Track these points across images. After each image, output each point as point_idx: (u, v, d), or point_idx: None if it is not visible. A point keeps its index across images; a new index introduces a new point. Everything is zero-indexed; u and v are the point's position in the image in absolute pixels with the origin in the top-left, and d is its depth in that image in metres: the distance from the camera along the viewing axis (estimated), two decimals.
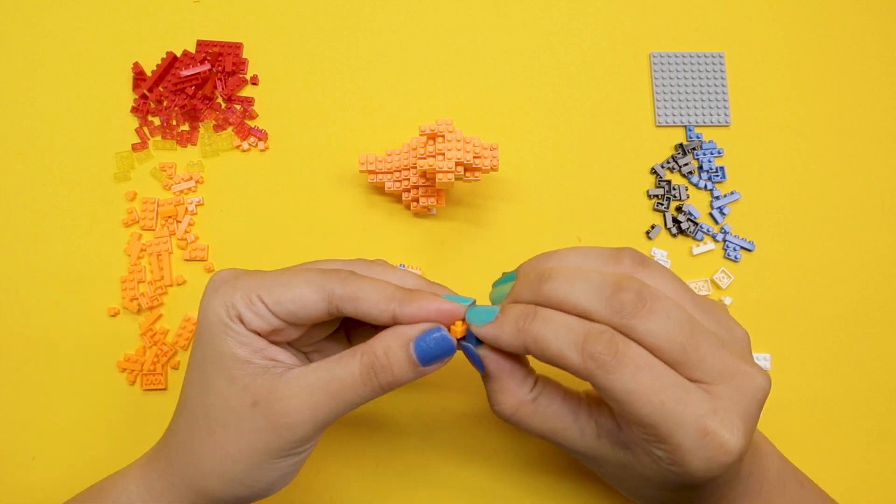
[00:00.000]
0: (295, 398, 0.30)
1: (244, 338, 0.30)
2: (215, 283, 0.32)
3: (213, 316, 0.31)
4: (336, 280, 0.31)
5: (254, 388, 0.30)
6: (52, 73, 0.48)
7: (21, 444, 0.42)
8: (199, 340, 0.32)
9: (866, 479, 0.43)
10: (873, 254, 0.46)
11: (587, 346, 0.27)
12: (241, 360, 0.30)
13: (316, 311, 0.31)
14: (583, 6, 0.50)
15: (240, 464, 0.30)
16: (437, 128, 0.40)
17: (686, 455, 0.27)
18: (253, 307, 0.30)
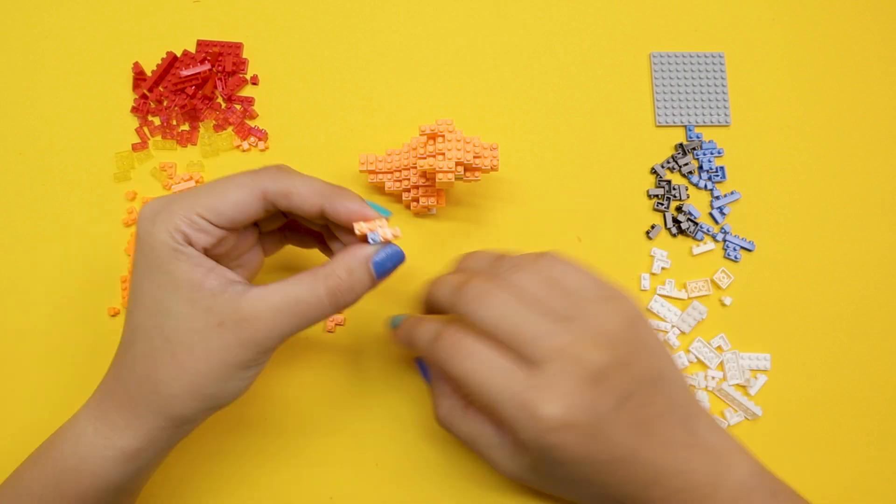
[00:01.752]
0: (261, 319, 0.32)
1: (195, 259, 0.32)
2: (148, 214, 0.32)
3: (160, 244, 0.31)
4: (267, 178, 0.33)
5: (216, 309, 0.31)
6: (52, 73, 0.48)
7: (21, 443, 0.42)
8: (146, 271, 0.32)
9: (866, 479, 0.43)
10: (873, 254, 0.46)
11: (436, 342, 0.34)
12: (197, 283, 0.31)
13: (254, 211, 0.33)
14: (583, 6, 0.50)
15: (209, 379, 0.32)
16: (437, 128, 0.40)
17: (516, 426, 0.31)
18: (195, 225, 0.32)
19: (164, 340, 0.32)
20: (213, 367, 0.32)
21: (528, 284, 0.34)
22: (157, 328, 0.32)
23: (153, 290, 0.32)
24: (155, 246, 0.31)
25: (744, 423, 0.43)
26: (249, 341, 0.32)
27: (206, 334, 0.31)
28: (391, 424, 0.43)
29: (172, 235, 0.31)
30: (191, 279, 0.31)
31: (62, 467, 0.33)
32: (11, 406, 0.43)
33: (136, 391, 0.32)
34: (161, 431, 0.33)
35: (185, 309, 0.31)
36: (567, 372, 0.31)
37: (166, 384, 0.32)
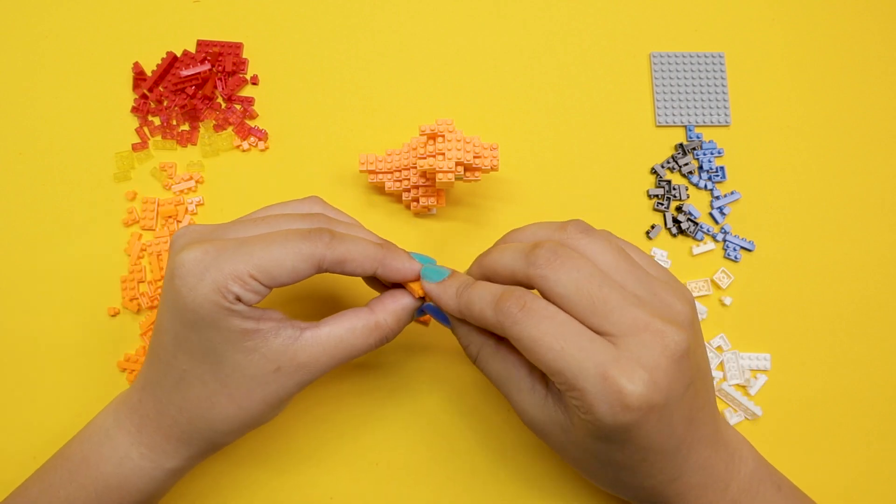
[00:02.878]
0: (318, 364, 0.33)
1: (247, 313, 0.32)
2: (197, 271, 0.31)
3: (210, 304, 0.31)
4: (322, 245, 0.32)
5: (272, 356, 0.33)
6: (52, 73, 0.48)
7: (21, 444, 0.42)
8: (194, 326, 0.32)
9: (866, 479, 0.43)
10: (873, 254, 0.46)
11: (500, 304, 0.31)
12: (251, 332, 0.32)
13: (306, 275, 0.33)
14: (583, 6, 0.50)
15: (262, 413, 0.34)
16: (437, 128, 0.40)
17: (591, 400, 0.29)
18: (248, 286, 0.31)
19: (220, 385, 0.33)
20: (267, 403, 0.34)
21: (601, 253, 0.32)
22: (212, 374, 0.33)
23: (203, 341, 0.32)
24: (205, 305, 0.31)
25: (744, 423, 0.43)
26: (304, 380, 0.34)
27: (264, 379, 0.33)
28: (391, 424, 0.43)
29: (224, 296, 0.31)
30: (243, 330, 0.32)
31: (104, 486, 0.34)
32: (11, 406, 0.43)
33: (188, 427, 0.34)
34: (208, 453, 0.36)
35: (242, 358, 0.32)
36: (650, 348, 0.29)
37: (223, 422, 0.34)
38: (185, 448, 0.34)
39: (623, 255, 0.32)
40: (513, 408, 0.34)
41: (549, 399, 0.33)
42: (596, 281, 0.30)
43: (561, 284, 0.30)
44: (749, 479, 0.34)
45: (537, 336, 0.30)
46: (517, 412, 0.34)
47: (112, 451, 0.35)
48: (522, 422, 0.35)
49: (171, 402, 0.34)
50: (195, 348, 0.32)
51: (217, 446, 0.35)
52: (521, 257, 0.32)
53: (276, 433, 0.42)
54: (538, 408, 0.33)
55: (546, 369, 0.30)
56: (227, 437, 0.35)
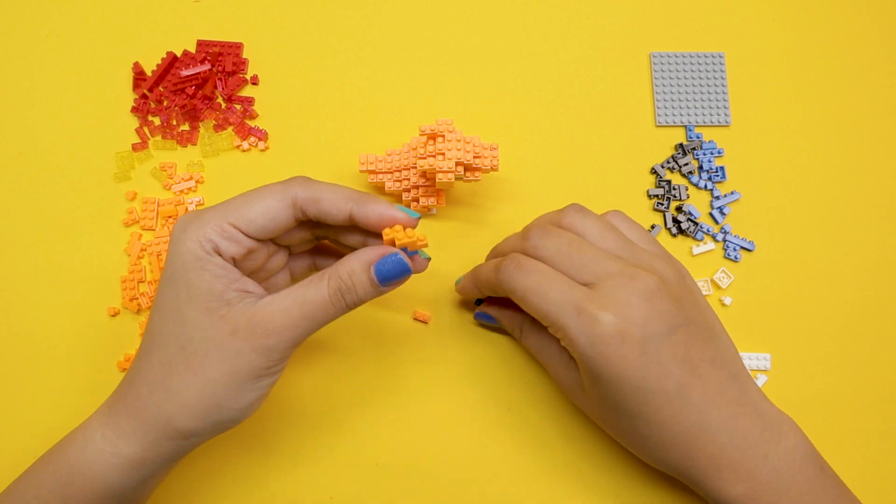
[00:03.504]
0: (273, 321, 0.32)
1: (220, 269, 0.32)
2: (181, 222, 0.33)
3: (188, 253, 0.32)
4: (296, 184, 0.34)
5: (230, 317, 0.32)
6: (52, 73, 0.48)
7: (21, 444, 0.42)
8: (169, 280, 0.33)
9: (866, 479, 0.43)
10: (873, 254, 0.46)
11: (501, 266, 0.36)
12: (217, 294, 0.32)
13: (284, 218, 0.33)
14: (583, 6, 0.50)
15: (220, 387, 0.32)
16: (437, 128, 0.40)
17: (571, 334, 0.33)
18: (226, 233, 0.32)
19: (179, 348, 0.32)
20: (224, 373, 0.32)
21: (588, 227, 0.37)
22: (174, 336, 0.32)
23: (173, 297, 0.32)
24: (182, 254, 0.32)
25: None
26: (262, 346, 0.32)
27: (220, 341, 0.32)
28: (391, 424, 0.43)
29: (201, 244, 0.32)
30: (211, 289, 0.32)
31: (69, 471, 0.33)
32: (11, 406, 0.43)
33: (147, 398, 0.32)
34: (168, 442, 0.33)
35: (202, 317, 0.32)
36: (620, 287, 0.33)
37: (178, 392, 0.32)
38: (141, 426, 0.32)
39: (610, 229, 0.37)
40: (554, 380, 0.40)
41: (572, 362, 0.37)
42: (576, 244, 0.35)
43: (546, 248, 0.36)
44: (791, 454, 0.34)
45: (526, 285, 0.35)
46: (553, 378, 0.40)
47: (81, 434, 0.34)
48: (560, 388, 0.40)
49: (139, 370, 0.33)
50: (166, 306, 0.33)
51: (176, 430, 0.32)
52: (519, 237, 0.38)
53: (275, 433, 0.42)
54: (565, 371, 0.38)
55: (535, 313, 0.35)
56: (182, 415, 0.32)
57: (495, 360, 0.44)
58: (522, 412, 0.43)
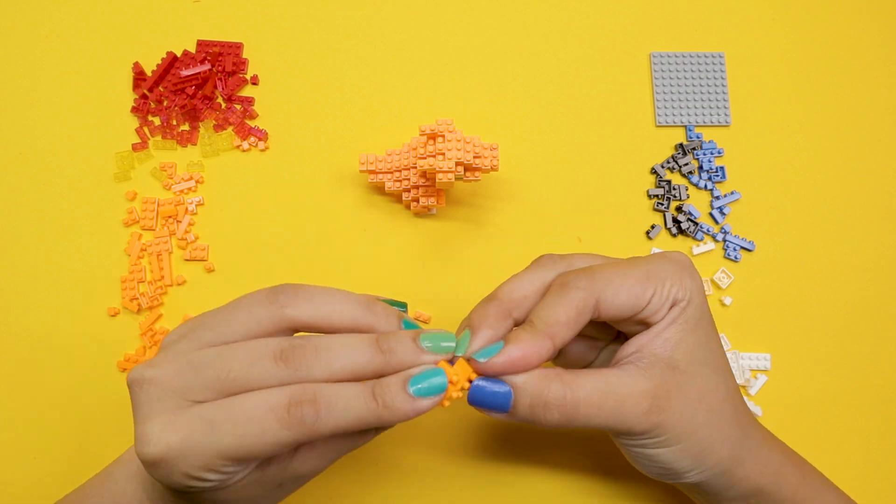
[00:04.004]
0: (314, 468, 0.30)
1: (231, 481, 0.28)
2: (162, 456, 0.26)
3: (186, 487, 0.27)
4: (304, 428, 0.27)
5: (268, 478, 0.29)
6: (52, 73, 0.48)
7: (21, 444, 0.42)
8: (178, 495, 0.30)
9: (866, 479, 0.43)
10: (873, 254, 0.46)
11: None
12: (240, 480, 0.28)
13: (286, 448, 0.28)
14: (583, 6, 0.50)
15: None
16: (437, 128, 0.40)
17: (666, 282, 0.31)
18: (223, 471, 0.27)
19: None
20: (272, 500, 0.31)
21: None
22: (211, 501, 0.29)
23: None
24: (180, 487, 0.27)
25: None
26: (309, 479, 0.31)
27: (270, 493, 0.30)
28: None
29: (201, 480, 0.27)
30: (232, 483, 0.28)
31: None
32: (11, 406, 0.43)
33: None
34: None
35: (239, 492, 0.29)
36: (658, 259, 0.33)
37: None
38: None
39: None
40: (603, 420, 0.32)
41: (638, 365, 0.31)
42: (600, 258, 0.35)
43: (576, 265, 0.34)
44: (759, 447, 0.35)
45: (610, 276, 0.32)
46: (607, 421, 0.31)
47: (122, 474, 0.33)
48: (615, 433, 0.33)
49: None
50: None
51: None
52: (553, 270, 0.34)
53: None
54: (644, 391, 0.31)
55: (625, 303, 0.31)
56: None
57: None
58: None
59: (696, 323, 0.32)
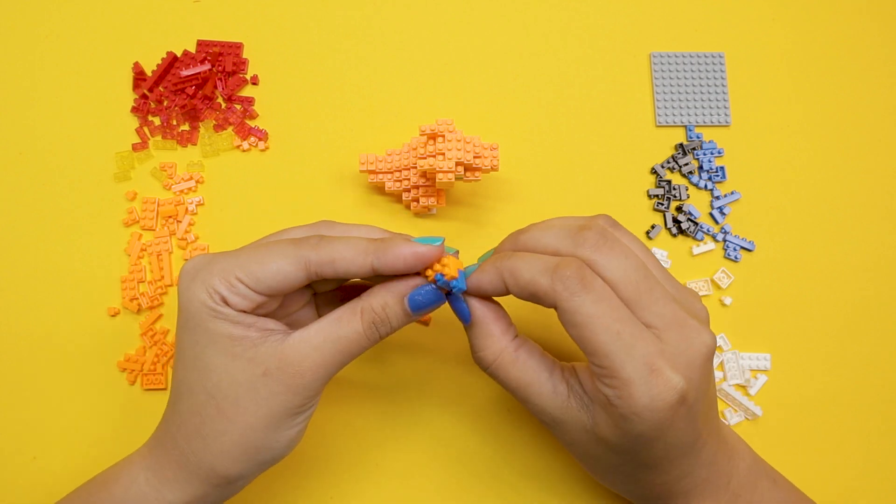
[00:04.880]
0: (306, 359, 0.31)
1: (234, 317, 0.31)
2: (190, 271, 0.32)
3: (198, 303, 0.31)
4: (308, 247, 0.31)
5: (259, 359, 0.31)
6: (52, 73, 0.48)
7: (21, 444, 0.42)
8: (185, 327, 0.32)
9: (866, 479, 0.43)
10: (873, 254, 0.46)
11: (558, 271, 0.30)
12: (238, 337, 0.31)
13: (296, 280, 0.31)
14: (583, 6, 0.50)
15: (259, 431, 0.31)
16: (438, 128, 0.40)
17: (633, 390, 0.29)
18: (234, 288, 0.31)
19: (207, 396, 0.31)
20: (261, 417, 0.31)
21: (637, 248, 0.33)
22: (200, 383, 0.31)
23: (192, 345, 0.32)
24: (193, 303, 0.31)
25: (744, 423, 0.43)
26: (297, 385, 0.31)
27: (252, 385, 0.31)
28: (391, 425, 0.43)
29: (210, 295, 0.31)
30: (230, 334, 0.31)
31: None
32: (11, 406, 0.43)
33: (186, 446, 0.32)
34: (214, 489, 0.32)
35: (227, 362, 0.31)
36: (687, 343, 0.30)
37: (215, 439, 0.31)
38: (185, 474, 0.32)
39: (653, 256, 0.34)
40: (528, 409, 0.34)
41: (572, 400, 0.32)
42: (641, 271, 0.31)
43: (610, 270, 0.30)
44: (747, 474, 0.35)
45: (595, 313, 0.29)
46: (534, 413, 0.34)
47: (125, 474, 0.33)
48: (540, 421, 0.34)
49: (173, 418, 0.33)
50: (186, 355, 0.32)
51: (219, 477, 0.32)
52: (567, 237, 0.32)
53: None
54: (559, 409, 0.33)
55: (593, 349, 0.29)
56: (224, 462, 0.31)
57: None
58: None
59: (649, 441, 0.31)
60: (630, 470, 0.33)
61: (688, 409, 0.30)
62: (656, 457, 0.31)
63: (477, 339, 0.34)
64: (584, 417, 0.32)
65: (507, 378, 0.33)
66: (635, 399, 0.29)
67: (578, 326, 0.30)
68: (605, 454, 0.33)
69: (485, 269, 0.33)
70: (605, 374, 0.30)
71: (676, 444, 0.31)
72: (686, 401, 0.29)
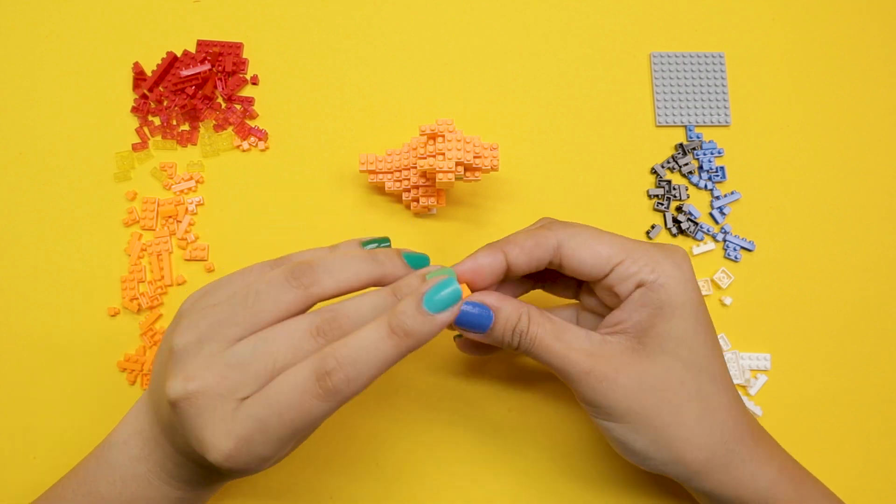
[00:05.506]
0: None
1: None
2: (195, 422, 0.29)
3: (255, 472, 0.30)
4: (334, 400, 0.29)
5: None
6: (52, 73, 0.48)
7: (21, 444, 0.42)
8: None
9: (866, 479, 0.43)
10: (873, 254, 0.46)
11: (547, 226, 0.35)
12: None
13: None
14: (583, 6, 0.50)
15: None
16: (438, 128, 0.40)
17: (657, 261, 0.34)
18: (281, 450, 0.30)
19: None
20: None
21: None
22: None
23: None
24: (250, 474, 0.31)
25: None
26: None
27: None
28: (391, 424, 0.43)
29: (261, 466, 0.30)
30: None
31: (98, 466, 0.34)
32: (11, 406, 0.43)
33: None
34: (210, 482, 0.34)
35: None
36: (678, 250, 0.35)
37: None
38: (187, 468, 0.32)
39: None
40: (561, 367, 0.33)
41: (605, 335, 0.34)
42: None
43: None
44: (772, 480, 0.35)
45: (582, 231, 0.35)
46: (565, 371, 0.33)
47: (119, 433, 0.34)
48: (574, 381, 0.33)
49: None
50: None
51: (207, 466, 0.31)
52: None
53: None
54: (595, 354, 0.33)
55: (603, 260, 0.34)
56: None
57: (496, 361, 0.44)
58: (523, 412, 0.43)
59: (673, 313, 0.32)
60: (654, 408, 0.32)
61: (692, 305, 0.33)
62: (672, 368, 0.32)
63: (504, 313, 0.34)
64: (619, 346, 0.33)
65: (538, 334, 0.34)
66: (662, 267, 0.33)
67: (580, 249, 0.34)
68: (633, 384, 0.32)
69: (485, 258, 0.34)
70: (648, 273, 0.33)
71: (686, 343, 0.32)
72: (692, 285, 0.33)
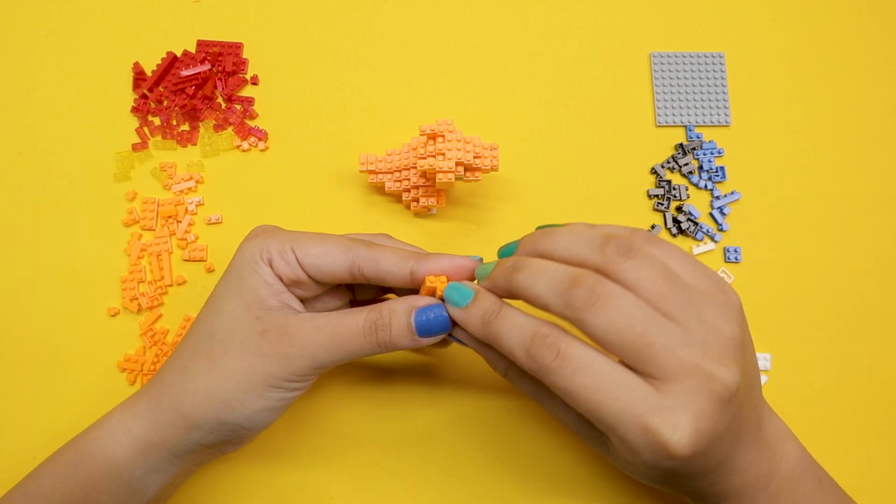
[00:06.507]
0: (302, 332, 0.33)
1: (268, 277, 0.34)
2: (255, 231, 0.36)
3: (247, 254, 0.34)
4: (361, 244, 0.34)
5: (266, 319, 0.33)
6: (52, 73, 0.48)
7: (21, 444, 0.42)
8: (224, 276, 0.35)
9: (866, 479, 0.43)
10: (873, 254, 0.46)
11: (531, 349, 0.30)
12: (261, 296, 0.34)
13: (339, 268, 0.34)
14: (583, 6, 0.50)
15: (233, 383, 0.33)
16: (438, 128, 0.40)
17: (633, 447, 0.28)
18: (284, 255, 0.34)
19: (209, 335, 0.34)
20: (240, 369, 0.33)
21: (646, 280, 0.29)
22: (209, 324, 0.34)
23: (221, 290, 0.35)
24: (243, 253, 0.34)
25: None
26: (282, 354, 0.33)
27: (247, 338, 0.33)
28: (391, 424, 0.43)
29: (260, 252, 0.34)
30: (257, 290, 0.34)
31: (83, 450, 0.34)
32: (11, 406, 0.43)
33: (168, 380, 0.34)
34: (172, 430, 0.33)
35: (239, 311, 0.33)
36: (698, 394, 0.28)
37: (194, 377, 0.33)
38: (154, 410, 0.33)
39: (667, 277, 0.30)
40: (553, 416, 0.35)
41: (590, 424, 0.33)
42: (638, 323, 0.28)
43: (601, 329, 0.29)
44: (791, 474, 0.34)
45: (572, 388, 0.29)
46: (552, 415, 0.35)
47: (104, 417, 0.35)
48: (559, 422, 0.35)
49: (170, 356, 0.35)
50: (213, 298, 0.35)
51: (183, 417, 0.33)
52: (557, 293, 0.30)
53: (276, 433, 0.42)
54: (576, 422, 0.34)
55: (586, 415, 0.29)
56: (192, 403, 0.33)
57: None
58: (522, 413, 0.43)
59: None
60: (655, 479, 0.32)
61: (702, 453, 0.29)
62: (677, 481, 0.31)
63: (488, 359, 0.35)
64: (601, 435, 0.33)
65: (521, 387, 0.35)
66: (639, 453, 0.29)
67: (563, 397, 0.30)
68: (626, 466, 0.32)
69: (472, 318, 0.32)
70: (606, 431, 0.30)
71: (697, 474, 0.30)
72: (698, 452, 0.28)
